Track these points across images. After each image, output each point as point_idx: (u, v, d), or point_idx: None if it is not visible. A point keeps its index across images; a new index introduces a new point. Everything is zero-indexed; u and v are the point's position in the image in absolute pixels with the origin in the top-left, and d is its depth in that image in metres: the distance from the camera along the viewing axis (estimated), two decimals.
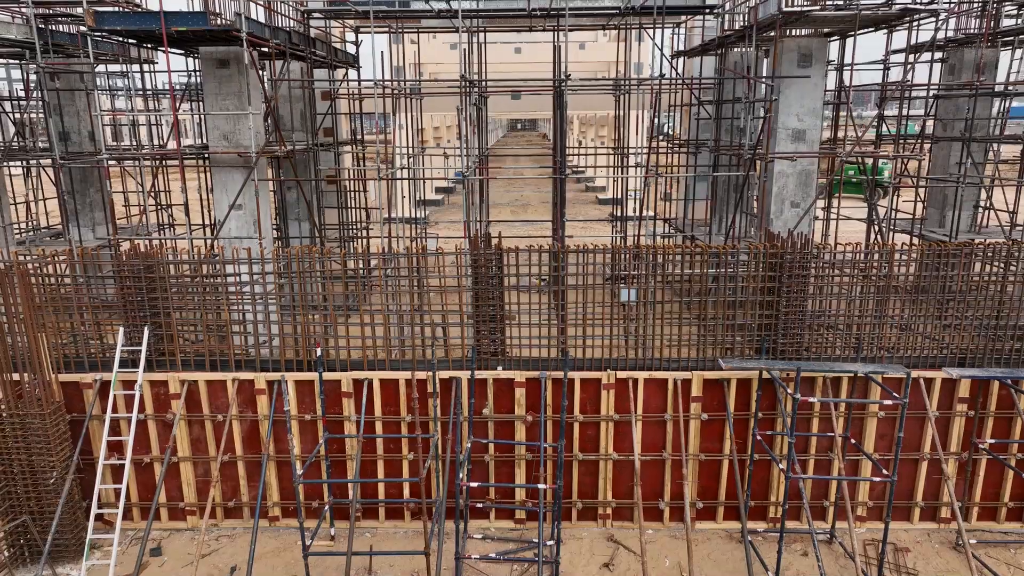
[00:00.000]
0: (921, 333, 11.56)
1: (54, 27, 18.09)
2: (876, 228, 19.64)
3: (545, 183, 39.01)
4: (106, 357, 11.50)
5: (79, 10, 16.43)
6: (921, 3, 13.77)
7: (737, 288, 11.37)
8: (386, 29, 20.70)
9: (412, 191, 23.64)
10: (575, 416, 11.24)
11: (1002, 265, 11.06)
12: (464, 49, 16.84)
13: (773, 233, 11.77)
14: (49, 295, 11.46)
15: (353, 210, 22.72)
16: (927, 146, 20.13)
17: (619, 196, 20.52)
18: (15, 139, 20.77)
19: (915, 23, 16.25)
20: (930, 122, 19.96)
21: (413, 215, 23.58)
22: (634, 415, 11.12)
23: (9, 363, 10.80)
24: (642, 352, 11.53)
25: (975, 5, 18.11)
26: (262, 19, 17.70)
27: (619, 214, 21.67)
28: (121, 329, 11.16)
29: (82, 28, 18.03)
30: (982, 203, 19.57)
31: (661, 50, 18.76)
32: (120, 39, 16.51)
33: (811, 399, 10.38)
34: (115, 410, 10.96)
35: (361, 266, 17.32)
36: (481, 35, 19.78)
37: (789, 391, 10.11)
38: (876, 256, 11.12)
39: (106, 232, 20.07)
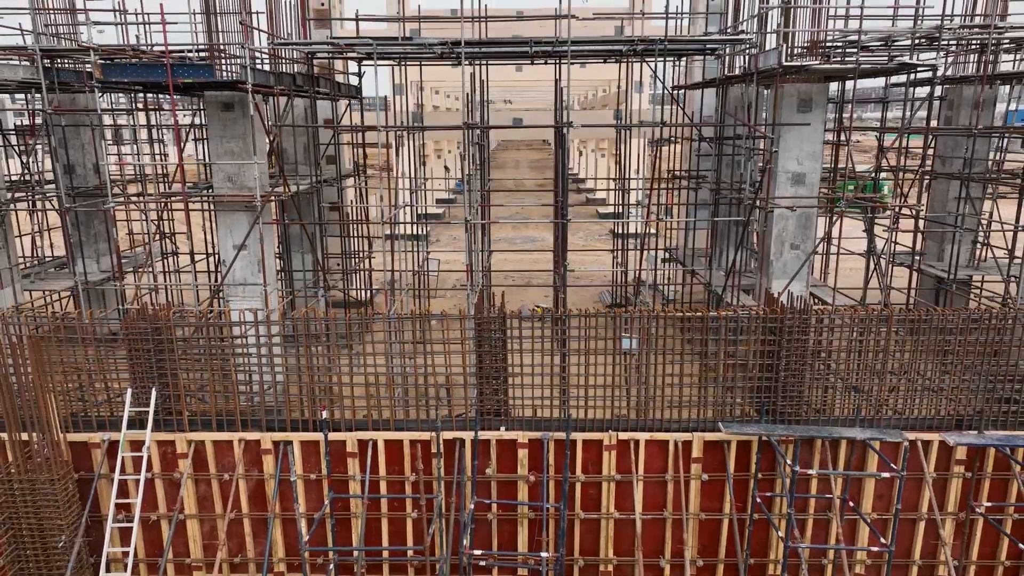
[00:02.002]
0: (921, 386, 11.69)
1: (60, 65, 18.19)
2: (875, 261, 19.75)
3: (545, 193, 39.21)
4: (114, 416, 11.65)
5: (88, 58, 16.52)
6: (918, 59, 13.89)
7: (737, 351, 11.50)
8: (390, 64, 20.82)
9: (415, 206, 23.65)
10: (577, 476, 11.39)
11: (997, 333, 11.21)
12: (467, 93, 16.97)
13: (773, 296, 11.90)
14: (60, 356, 11.59)
15: (356, 239, 22.96)
16: (926, 179, 20.26)
17: (621, 234, 20.65)
18: (23, 173, 20.84)
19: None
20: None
21: (415, 231, 23.67)
22: (635, 475, 11.26)
23: (18, 423, 10.96)
24: (643, 413, 11.66)
25: (973, 45, 18.21)
26: (267, 55, 17.89)
27: (623, 245, 21.89)
28: (129, 390, 11.31)
29: (87, 67, 18.18)
30: (980, 239, 19.71)
31: (663, 85, 18.87)
32: (127, 89, 16.64)
33: (809, 471, 10.53)
34: (123, 470, 11.10)
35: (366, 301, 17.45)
36: (482, 69, 19.87)
37: (788, 461, 10.25)
38: (874, 323, 11.25)
39: (110, 264, 20.25)
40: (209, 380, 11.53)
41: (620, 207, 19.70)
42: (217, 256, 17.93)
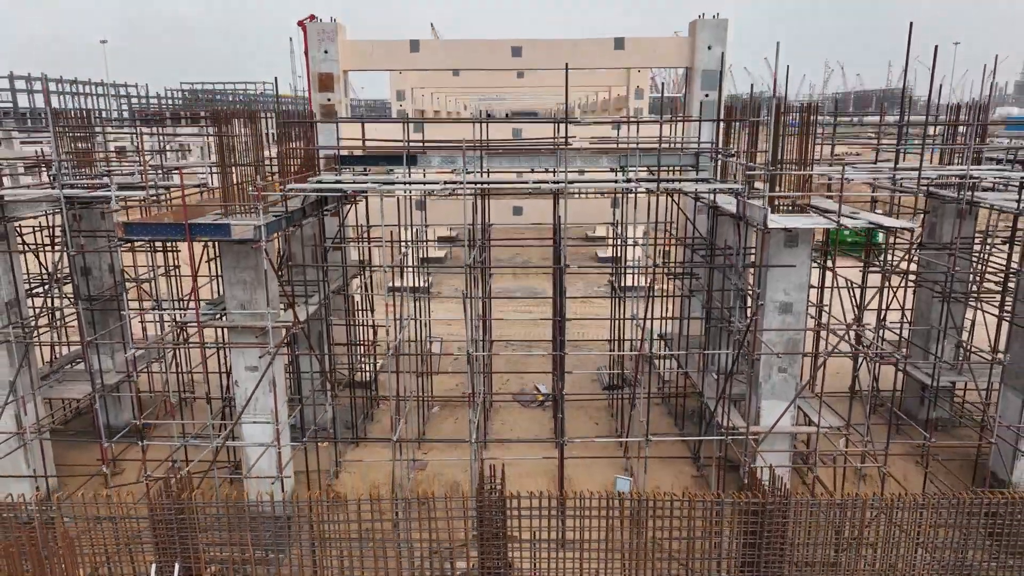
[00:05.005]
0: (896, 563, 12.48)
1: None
2: (863, 355, 20.46)
3: (546, 230, 39.45)
4: None
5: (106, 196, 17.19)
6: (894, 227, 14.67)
7: (722, 541, 12.27)
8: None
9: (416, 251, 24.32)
10: None
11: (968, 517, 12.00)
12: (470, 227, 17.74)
13: (756, 477, 12.67)
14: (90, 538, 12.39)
15: (362, 327, 23.84)
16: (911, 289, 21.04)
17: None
18: (41, 274, 21.59)
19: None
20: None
21: (416, 282, 24.32)
22: None
23: None
24: None
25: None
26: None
27: (619, 335, 22.67)
28: (154, 566, 12.12)
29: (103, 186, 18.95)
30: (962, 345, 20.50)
31: (674, 197, 19.59)
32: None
33: None
34: None
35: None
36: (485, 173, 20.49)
37: None
38: (854, 512, 12.05)
39: (124, 362, 21.02)
40: (228, 558, 12.34)
41: (618, 327, 20.41)
42: (230, 373, 18.71)
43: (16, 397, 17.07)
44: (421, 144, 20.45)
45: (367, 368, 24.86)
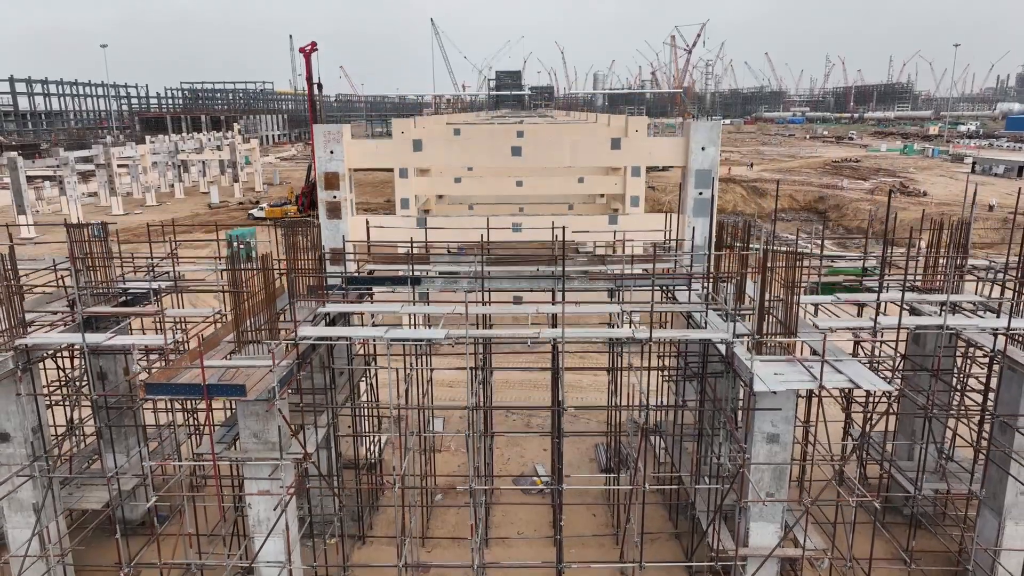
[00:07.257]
0: None
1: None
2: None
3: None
4: None
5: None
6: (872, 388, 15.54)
7: None
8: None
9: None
10: None
11: None
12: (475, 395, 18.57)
13: None
14: None
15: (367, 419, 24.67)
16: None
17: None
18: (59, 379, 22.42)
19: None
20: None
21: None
22: None
23: None
24: None
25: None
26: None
27: (615, 418, 23.48)
28: None
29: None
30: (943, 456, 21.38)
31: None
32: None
33: None
34: None
35: None
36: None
37: None
38: None
39: (139, 457, 21.86)
40: None
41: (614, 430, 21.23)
42: (242, 486, 19.56)
43: (42, 527, 17.93)
44: (425, 250, 21.35)
45: (371, 452, 25.74)
